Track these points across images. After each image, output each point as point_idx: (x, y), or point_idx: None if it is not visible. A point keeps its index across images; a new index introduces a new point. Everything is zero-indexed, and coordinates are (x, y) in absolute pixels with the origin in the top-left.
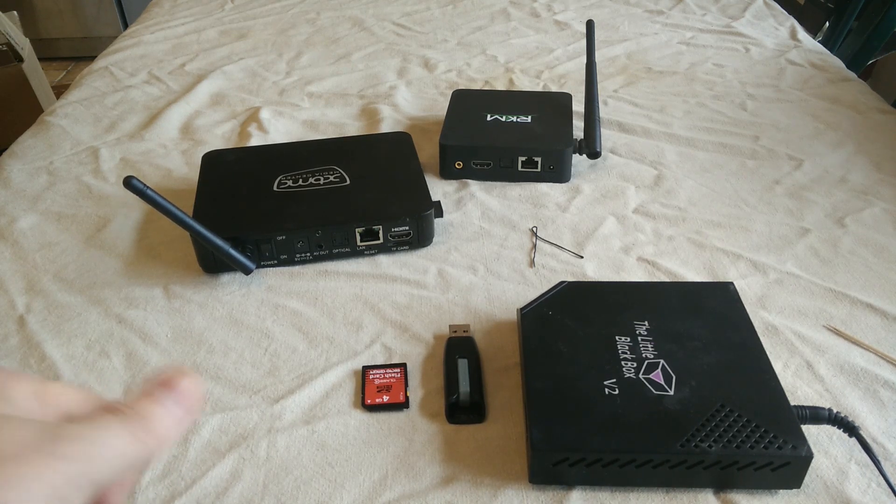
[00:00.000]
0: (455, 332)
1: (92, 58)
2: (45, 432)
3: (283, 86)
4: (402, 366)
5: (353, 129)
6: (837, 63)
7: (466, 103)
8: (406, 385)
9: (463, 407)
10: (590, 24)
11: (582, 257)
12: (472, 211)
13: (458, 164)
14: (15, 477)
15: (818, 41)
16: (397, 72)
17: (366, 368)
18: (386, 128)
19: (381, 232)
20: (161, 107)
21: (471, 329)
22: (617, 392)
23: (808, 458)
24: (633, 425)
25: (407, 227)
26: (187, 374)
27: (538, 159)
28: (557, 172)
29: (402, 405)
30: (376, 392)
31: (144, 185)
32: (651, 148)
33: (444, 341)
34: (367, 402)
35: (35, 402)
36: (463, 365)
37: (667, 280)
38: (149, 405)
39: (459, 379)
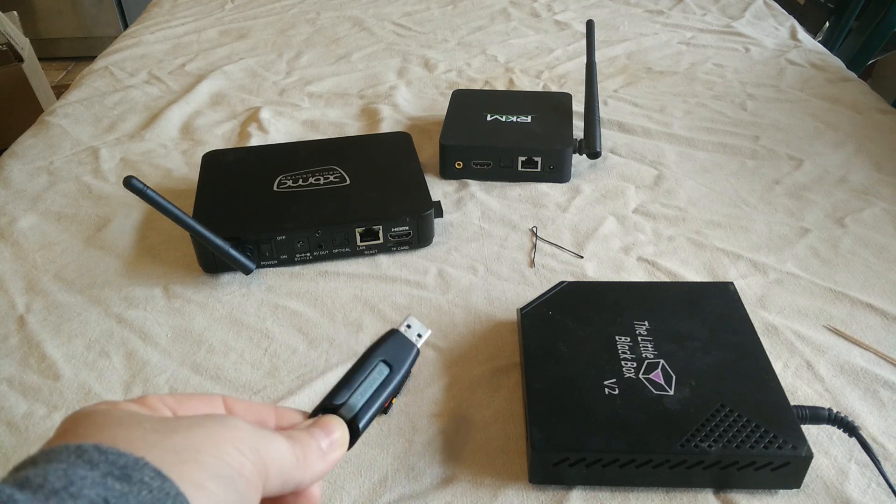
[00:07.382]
0: (409, 327)
1: (92, 58)
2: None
3: (283, 86)
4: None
5: (353, 129)
6: (837, 63)
7: (466, 103)
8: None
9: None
10: (590, 24)
11: (582, 257)
12: (472, 211)
13: (458, 164)
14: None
15: (818, 41)
16: (397, 72)
17: None
18: (386, 128)
19: (381, 232)
20: (161, 107)
21: (428, 340)
22: (617, 392)
23: (808, 458)
24: (633, 425)
25: (407, 227)
26: (341, 427)
27: (538, 159)
28: (557, 172)
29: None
30: None
31: (144, 185)
32: (651, 148)
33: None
34: None
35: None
36: (379, 374)
37: (667, 280)
38: (307, 438)
39: (359, 388)
